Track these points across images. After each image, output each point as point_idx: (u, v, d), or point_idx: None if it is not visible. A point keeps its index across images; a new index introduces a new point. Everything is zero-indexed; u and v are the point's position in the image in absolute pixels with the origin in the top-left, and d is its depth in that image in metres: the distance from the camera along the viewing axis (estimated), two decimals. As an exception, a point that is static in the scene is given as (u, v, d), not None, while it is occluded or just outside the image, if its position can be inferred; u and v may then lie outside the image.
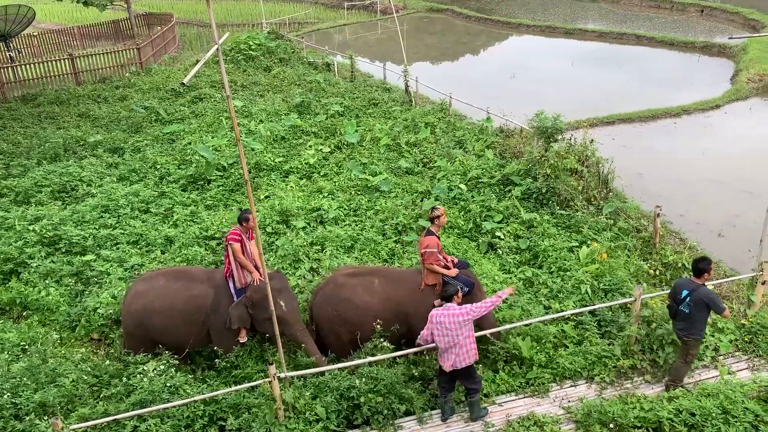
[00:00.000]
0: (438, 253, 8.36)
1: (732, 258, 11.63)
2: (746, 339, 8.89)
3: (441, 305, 7.51)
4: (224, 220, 12.44)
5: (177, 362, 8.30)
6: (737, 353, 8.75)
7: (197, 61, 25.10)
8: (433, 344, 7.52)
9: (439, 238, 8.54)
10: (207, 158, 14.77)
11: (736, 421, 7.01)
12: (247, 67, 25.14)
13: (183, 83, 19.45)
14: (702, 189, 14.68)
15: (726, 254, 11.77)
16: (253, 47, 26.41)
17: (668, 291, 9.39)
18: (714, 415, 7.08)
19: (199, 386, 7.87)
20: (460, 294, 7.49)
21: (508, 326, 8.55)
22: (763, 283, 9.11)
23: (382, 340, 8.17)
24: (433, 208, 8.52)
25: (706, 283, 7.68)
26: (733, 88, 21.51)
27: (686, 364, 7.94)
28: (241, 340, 8.52)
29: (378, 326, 8.23)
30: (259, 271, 8.38)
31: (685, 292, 7.62)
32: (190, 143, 16.67)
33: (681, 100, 20.58)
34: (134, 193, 13.75)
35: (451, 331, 7.21)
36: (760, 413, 7.13)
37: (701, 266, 7.64)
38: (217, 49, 5.72)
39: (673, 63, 26.40)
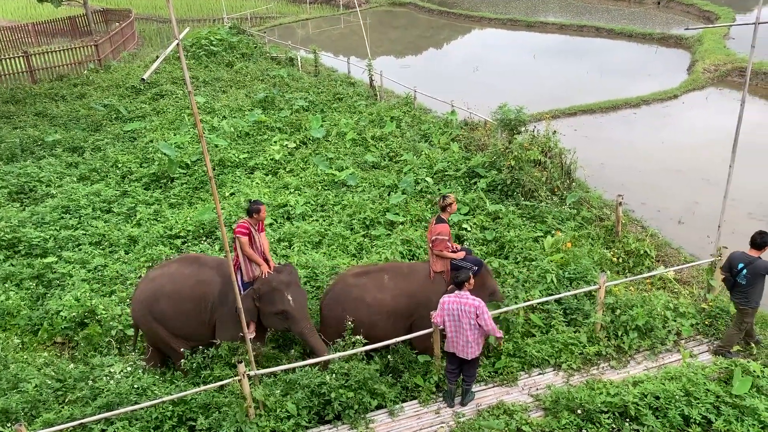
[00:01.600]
0: (448, 241, 8.44)
1: (692, 244, 11.93)
2: (706, 323, 9.13)
3: (453, 291, 7.62)
4: (188, 218, 12.29)
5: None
6: (698, 337, 9.00)
7: (157, 57, 24.65)
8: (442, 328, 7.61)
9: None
10: (170, 156, 14.55)
11: (698, 403, 7.22)
12: (208, 62, 24.80)
13: (143, 79, 19.27)
14: (662, 178, 15.01)
15: (686, 241, 12.07)
16: (214, 42, 26.07)
17: (632, 278, 9.66)
18: (677, 397, 7.28)
19: (168, 387, 7.78)
20: (471, 281, 7.53)
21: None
22: (721, 268, 9.36)
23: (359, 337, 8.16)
24: (445, 197, 8.60)
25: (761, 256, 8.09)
26: (690, 79, 22.02)
27: (740, 331, 8.36)
28: (251, 336, 8.18)
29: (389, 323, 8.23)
30: (268, 264, 8.26)
31: (741, 265, 8.06)
32: (152, 141, 16.40)
33: (640, 90, 20.99)
34: (95, 192, 13.49)
35: (461, 319, 7.31)
36: (720, 394, 7.35)
37: (761, 240, 8.06)
38: (178, 44, 5.62)
39: (631, 54, 26.89)
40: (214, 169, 14.69)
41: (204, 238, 11.82)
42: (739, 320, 8.33)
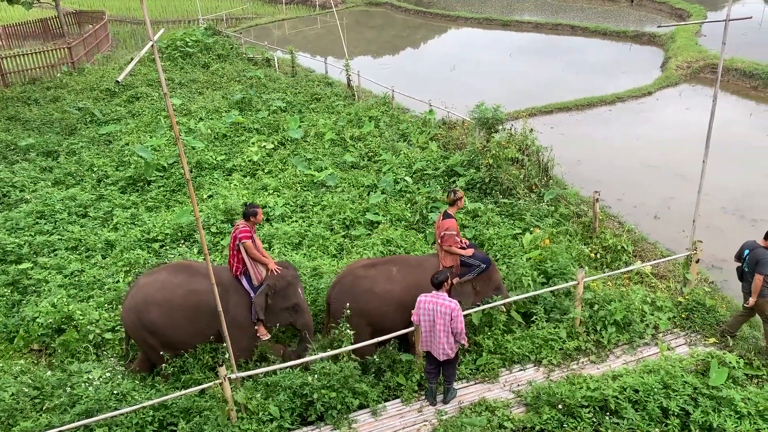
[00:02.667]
0: (456, 236, 8.52)
1: (668, 239, 12.11)
2: (683, 316, 9.27)
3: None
4: (166, 221, 12.18)
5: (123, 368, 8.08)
6: (675, 330, 9.13)
7: (132, 59, 24.37)
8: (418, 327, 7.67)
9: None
10: (146, 159, 14.41)
11: (676, 395, 7.32)
12: (184, 64, 24.60)
13: (117, 81, 19.10)
14: (638, 174, 15.21)
15: (662, 235, 12.25)
16: (190, 44, 25.86)
17: (609, 274, 9.77)
18: (656, 390, 7.38)
19: (148, 392, 7.70)
20: (449, 282, 7.57)
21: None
22: (697, 262, 9.52)
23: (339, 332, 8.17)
24: (455, 191, 8.75)
25: None
26: (664, 75, 22.34)
27: (745, 319, 8.73)
28: (263, 337, 8.26)
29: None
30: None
31: (747, 252, 8.25)
32: (127, 144, 16.23)
33: (615, 88, 21.26)
34: (71, 197, 13.31)
35: (435, 319, 7.35)
36: (698, 386, 7.47)
37: None
38: (152, 46, 5.57)
39: (606, 52, 27.20)
40: (191, 172, 14.58)
41: (182, 242, 11.72)
42: (746, 311, 8.65)
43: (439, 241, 8.59)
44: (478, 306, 8.60)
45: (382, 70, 25.33)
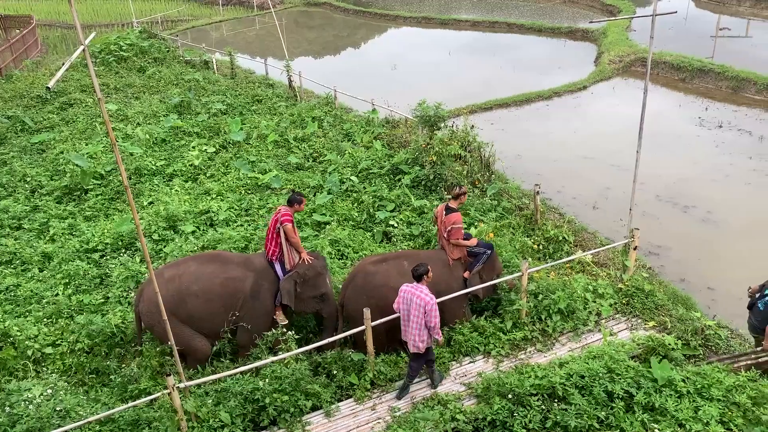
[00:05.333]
0: (462, 229, 8.81)
1: (606, 228, 12.50)
2: (624, 302, 9.60)
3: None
4: (106, 230, 11.82)
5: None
6: (617, 315, 9.43)
7: (63, 65, 23.54)
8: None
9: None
10: (82, 167, 13.97)
11: (620, 379, 7.55)
12: (119, 68, 23.92)
13: (48, 87, 18.47)
14: (575, 166, 15.64)
15: (601, 225, 12.63)
16: (124, 48, 25.17)
17: (552, 264, 10.00)
18: (601, 375, 7.58)
19: (93, 406, 7.47)
20: (429, 275, 7.64)
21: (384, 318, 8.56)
22: (635, 249, 9.86)
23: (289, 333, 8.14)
24: (459, 186, 9.14)
25: None
26: (597, 70, 23.05)
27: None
28: (281, 321, 8.40)
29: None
30: None
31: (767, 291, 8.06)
32: (62, 152, 15.67)
33: (551, 83, 21.80)
34: (3, 209, 12.80)
35: (410, 310, 7.47)
36: (640, 369, 7.73)
37: None
38: (84, 50, 5.40)
39: (542, 48, 27.85)
40: (130, 178, 14.21)
41: (124, 251, 11.40)
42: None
43: (445, 235, 8.84)
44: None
45: (324, 70, 25.23)
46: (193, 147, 15.71)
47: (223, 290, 8.21)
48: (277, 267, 8.46)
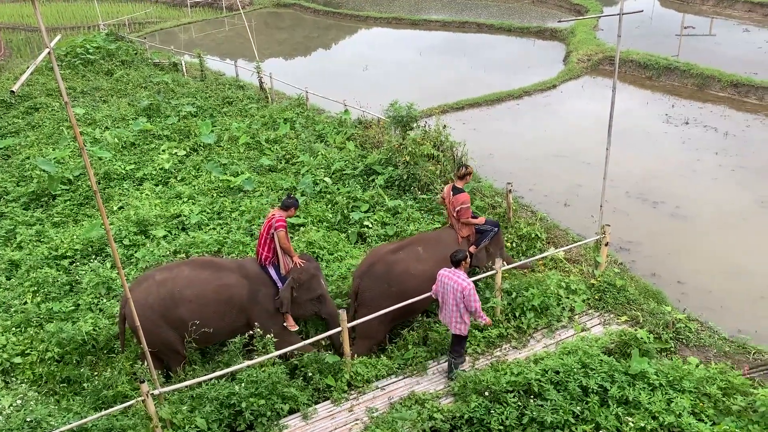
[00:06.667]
0: (470, 208, 9.18)
1: (578, 224, 12.63)
2: (596, 297, 9.72)
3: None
4: (75, 236, 11.61)
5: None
6: (590, 311, 9.55)
7: (28, 68, 23.08)
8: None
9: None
10: (49, 172, 13.70)
11: (594, 373, 7.65)
12: (86, 71, 23.53)
13: (12, 91, 18.10)
14: (546, 164, 15.80)
15: (572, 222, 12.76)
16: (91, 51, 24.77)
17: (525, 261, 10.09)
18: (575, 370, 7.67)
19: (65, 416, 7.32)
20: (467, 261, 7.91)
21: (384, 310, 8.62)
22: (606, 245, 10.00)
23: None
24: (465, 166, 9.42)
25: None
26: (566, 69, 23.32)
27: None
28: (292, 328, 8.40)
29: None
30: None
31: None
32: (28, 158, 15.37)
33: (521, 82, 21.97)
34: (-33, 216, 12.47)
35: (447, 294, 7.72)
36: (613, 363, 7.84)
37: None
38: (49, 53, 5.30)
39: (512, 48, 28.08)
40: (99, 183, 13.97)
41: (94, 257, 11.21)
42: None
43: (454, 214, 9.18)
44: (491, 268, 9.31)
45: (295, 71, 25.13)
46: (163, 150, 15.51)
47: (217, 296, 8.12)
48: (271, 271, 8.40)
